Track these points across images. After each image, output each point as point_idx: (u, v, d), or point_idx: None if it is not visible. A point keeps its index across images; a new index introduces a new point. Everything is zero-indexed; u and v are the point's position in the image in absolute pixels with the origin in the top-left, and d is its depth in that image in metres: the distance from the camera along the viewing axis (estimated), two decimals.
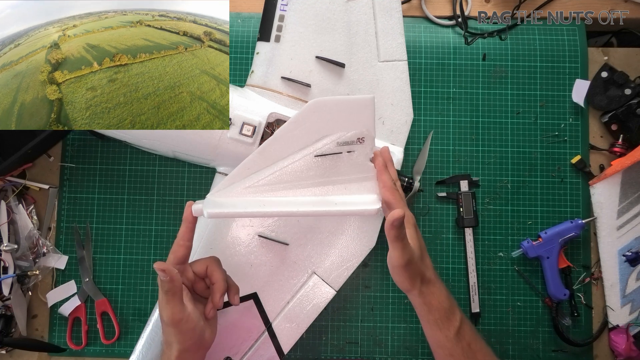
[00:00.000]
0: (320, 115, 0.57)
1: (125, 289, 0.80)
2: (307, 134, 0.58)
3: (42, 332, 0.80)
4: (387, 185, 0.58)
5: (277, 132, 0.58)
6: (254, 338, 0.73)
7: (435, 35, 0.84)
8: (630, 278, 0.79)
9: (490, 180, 0.82)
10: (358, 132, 0.58)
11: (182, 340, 0.57)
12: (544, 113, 0.83)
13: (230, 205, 0.57)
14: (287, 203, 0.58)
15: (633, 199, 0.80)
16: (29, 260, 0.78)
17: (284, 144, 0.58)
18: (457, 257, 0.81)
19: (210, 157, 0.73)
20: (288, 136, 0.58)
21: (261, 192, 0.59)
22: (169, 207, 0.81)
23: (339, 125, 0.57)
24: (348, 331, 0.80)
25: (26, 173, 0.81)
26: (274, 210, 0.57)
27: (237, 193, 0.58)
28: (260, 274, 0.73)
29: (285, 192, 0.59)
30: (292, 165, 0.58)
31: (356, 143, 0.58)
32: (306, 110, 0.57)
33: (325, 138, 0.58)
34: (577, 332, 0.79)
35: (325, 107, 0.57)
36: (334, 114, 0.57)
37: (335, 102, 0.57)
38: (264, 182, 0.58)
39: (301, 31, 0.76)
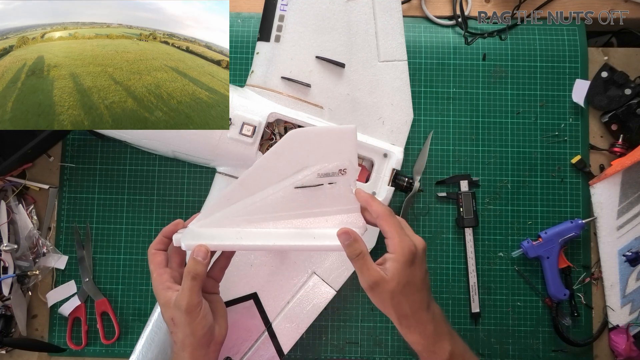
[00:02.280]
0: (300, 145, 0.55)
1: (125, 289, 0.80)
2: (287, 164, 0.56)
3: (42, 332, 0.80)
4: (383, 214, 0.54)
5: (257, 162, 0.56)
6: (254, 338, 0.73)
7: (435, 35, 0.84)
8: (630, 278, 0.79)
9: (490, 180, 0.82)
10: (340, 163, 0.56)
11: (194, 330, 0.56)
12: (544, 113, 0.83)
13: (208, 237, 0.57)
14: (264, 235, 0.57)
15: (633, 199, 0.80)
16: (29, 260, 0.78)
17: (264, 174, 0.56)
18: (457, 257, 0.81)
19: (210, 157, 0.73)
20: (268, 166, 0.56)
21: (240, 224, 0.57)
22: (169, 207, 0.81)
23: (320, 156, 0.56)
24: (348, 331, 0.80)
25: (26, 173, 0.81)
26: (250, 244, 0.56)
27: (216, 224, 0.58)
28: (260, 274, 0.73)
29: (265, 224, 0.57)
30: (272, 196, 0.57)
31: (338, 174, 0.56)
32: (286, 140, 0.55)
33: (306, 169, 0.56)
34: (577, 332, 0.79)
35: (306, 137, 0.55)
36: (315, 145, 0.55)
37: (316, 132, 0.56)
38: (243, 213, 0.57)
39: (301, 31, 0.76)
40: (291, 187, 0.56)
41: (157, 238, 0.61)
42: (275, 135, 0.74)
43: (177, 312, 0.56)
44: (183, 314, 0.56)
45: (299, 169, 0.56)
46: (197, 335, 0.57)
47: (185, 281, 0.56)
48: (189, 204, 0.81)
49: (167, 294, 0.57)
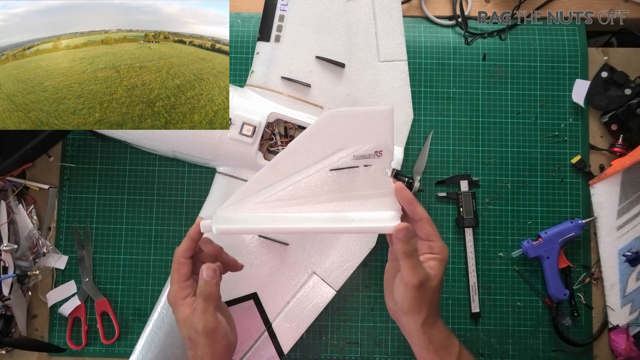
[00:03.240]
0: (336, 127, 0.54)
1: (125, 289, 0.80)
2: (322, 146, 0.55)
3: (42, 332, 0.80)
4: (427, 218, 0.55)
5: (291, 144, 0.55)
6: (254, 338, 0.73)
7: (435, 35, 0.84)
8: (630, 278, 0.79)
9: (490, 180, 0.82)
10: (376, 144, 0.54)
11: (215, 349, 0.55)
12: (544, 113, 0.83)
13: (240, 221, 0.55)
14: (300, 219, 0.55)
15: (633, 199, 0.80)
16: (29, 260, 0.78)
17: (297, 157, 0.55)
18: (457, 257, 0.81)
19: (210, 157, 0.73)
20: (302, 149, 0.55)
21: (273, 208, 0.56)
22: (169, 207, 0.81)
23: (355, 137, 0.54)
24: (348, 331, 0.80)
25: (26, 173, 0.81)
26: (286, 227, 0.55)
27: (248, 209, 0.56)
28: (260, 274, 0.73)
29: (298, 208, 0.56)
30: (305, 179, 0.55)
31: (374, 156, 0.55)
32: (321, 121, 0.54)
33: (341, 151, 0.55)
34: (577, 332, 0.79)
35: (342, 118, 0.54)
36: (351, 126, 0.54)
37: (352, 113, 0.54)
38: (276, 197, 0.56)
39: (301, 31, 0.76)
40: (326, 170, 0.55)
41: (185, 244, 0.58)
42: (275, 135, 0.74)
43: (195, 334, 0.55)
44: (201, 337, 0.55)
45: (334, 150, 0.55)
46: (217, 354, 0.56)
47: (198, 303, 0.55)
48: (189, 204, 0.81)
49: (186, 311, 0.56)
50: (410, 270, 0.52)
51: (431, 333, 0.56)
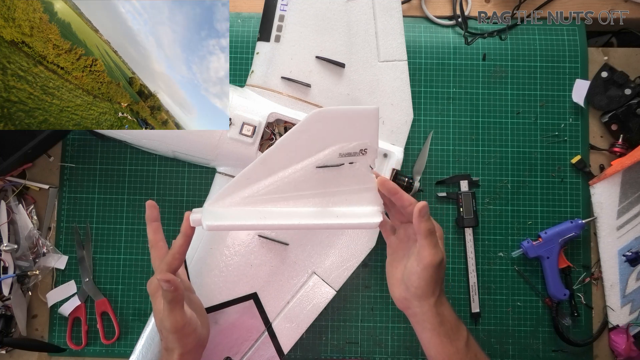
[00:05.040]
0: (323, 125, 0.55)
1: (125, 289, 0.80)
2: (309, 144, 0.56)
3: (42, 332, 0.80)
4: (414, 201, 0.56)
5: (279, 141, 0.56)
6: (254, 338, 0.73)
7: (435, 35, 0.84)
8: (630, 278, 0.79)
9: (490, 180, 0.82)
10: (361, 143, 0.56)
11: (184, 344, 0.58)
12: (544, 113, 0.83)
13: (229, 217, 0.56)
14: (288, 215, 0.57)
15: (633, 199, 0.80)
16: (29, 260, 0.78)
17: (285, 153, 0.56)
18: (457, 257, 0.81)
19: (210, 157, 0.73)
20: (290, 146, 0.56)
21: (261, 203, 0.57)
22: (169, 207, 0.81)
23: (341, 135, 0.56)
24: (348, 331, 0.80)
25: (26, 173, 0.81)
26: (274, 223, 0.56)
27: (236, 203, 0.57)
28: (260, 274, 0.73)
29: (285, 203, 0.57)
30: (292, 175, 0.57)
31: (359, 154, 0.57)
32: (309, 119, 0.55)
33: (328, 149, 0.56)
34: (577, 332, 0.79)
35: (329, 117, 0.55)
36: (337, 124, 0.55)
37: (339, 112, 0.56)
38: (263, 192, 0.57)
39: (301, 31, 0.76)
40: (312, 167, 0.57)
41: (181, 239, 0.58)
42: (275, 135, 0.74)
43: (165, 330, 0.57)
44: (170, 333, 0.57)
45: (320, 148, 0.56)
46: (187, 347, 0.58)
47: (164, 304, 0.56)
48: (189, 204, 0.81)
49: (159, 306, 0.57)
50: (431, 249, 0.54)
51: (442, 313, 0.57)
